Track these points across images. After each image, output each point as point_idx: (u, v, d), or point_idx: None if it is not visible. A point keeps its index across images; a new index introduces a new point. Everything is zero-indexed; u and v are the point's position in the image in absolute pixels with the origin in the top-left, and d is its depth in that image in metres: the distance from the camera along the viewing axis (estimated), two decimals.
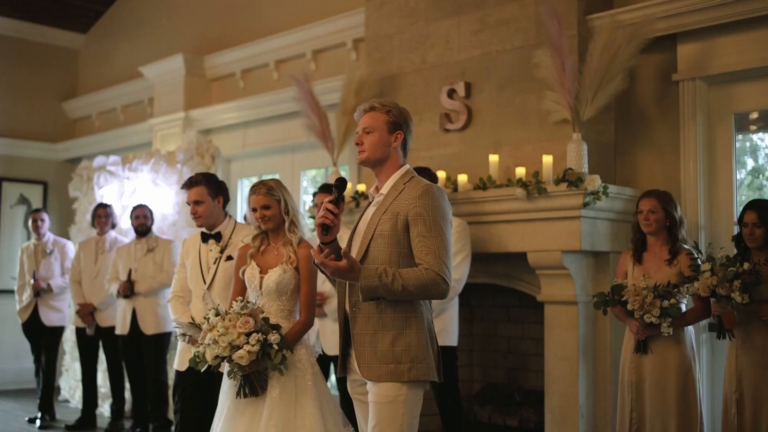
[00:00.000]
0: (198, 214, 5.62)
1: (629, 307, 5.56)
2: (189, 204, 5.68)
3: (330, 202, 3.87)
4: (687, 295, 5.59)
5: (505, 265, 6.95)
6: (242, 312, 4.50)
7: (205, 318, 4.64)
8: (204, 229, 5.72)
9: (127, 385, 8.92)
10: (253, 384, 4.57)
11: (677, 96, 6.61)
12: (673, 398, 5.56)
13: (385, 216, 3.84)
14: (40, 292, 9.29)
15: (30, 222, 9.77)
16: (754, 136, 6.82)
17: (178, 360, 5.71)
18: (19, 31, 12.71)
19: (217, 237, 5.67)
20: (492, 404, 7.65)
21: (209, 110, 10.27)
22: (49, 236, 9.71)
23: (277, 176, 9.69)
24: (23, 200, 12.52)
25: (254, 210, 4.91)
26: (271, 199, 4.88)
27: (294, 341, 4.71)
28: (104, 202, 9.54)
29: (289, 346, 4.57)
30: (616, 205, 6.45)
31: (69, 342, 10.40)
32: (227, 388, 4.78)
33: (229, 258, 5.56)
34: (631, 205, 6.23)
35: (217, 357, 4.48)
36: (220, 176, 9.85)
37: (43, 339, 9.44)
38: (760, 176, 6.86)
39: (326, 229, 3.88)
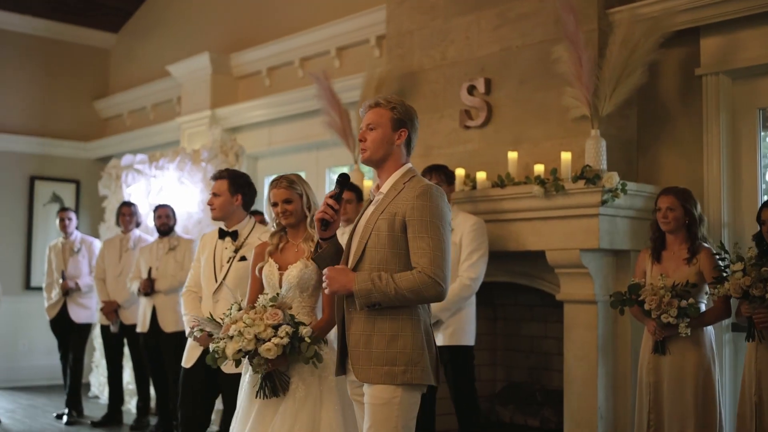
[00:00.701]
0: (213, 205, 5.61)
1: (646, 306, 5.46)
2: (210, 196, 5.68)
3: (331, 197, 3.84)
4: (714, 297, 5.45)
5: (525, 263, 6.86)
6: (271, 304, 4.36)
7: (225, 314, 4.50)
8: (223, 226, 5.69)
9: (151, 383, 8.94)
10: (274, 383, 4.41)
11: (700, 91, 6.45)
12: (692, 400, 5.45)
13: (382, 216, 3.78)
14: (69, 291, 9.36)
15: (57, 220, 9.84)
16: None
17: (186, 356, 5.68)
18: (51, 32, 12.84)
19: (234, 235, 5.62)
20: (513, 404, 7.56)
21: (235, 108, 10.27)
22: (77, 234, 9.80)
23: (303, 174, 9.68)
24: (56, 198, 12.65)
25: (275, 205, 4.75)
26: (293, 193, 4.73)
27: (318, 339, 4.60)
28: (128, 200, 9.58)
29: (319, 341, 4.40)
30: (637, 202, 6.33)
31: (99, 339, 10.44)
32: (247, 388, 4.60)
33: (243, 258, 5.51)
34: (652, 203, 6.09)
35: (240, 351, 4.27)
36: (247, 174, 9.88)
37: (71, 336, 9.52)
38: None
39: (325, 225, 3.87)
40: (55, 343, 9.80)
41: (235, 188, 5.65)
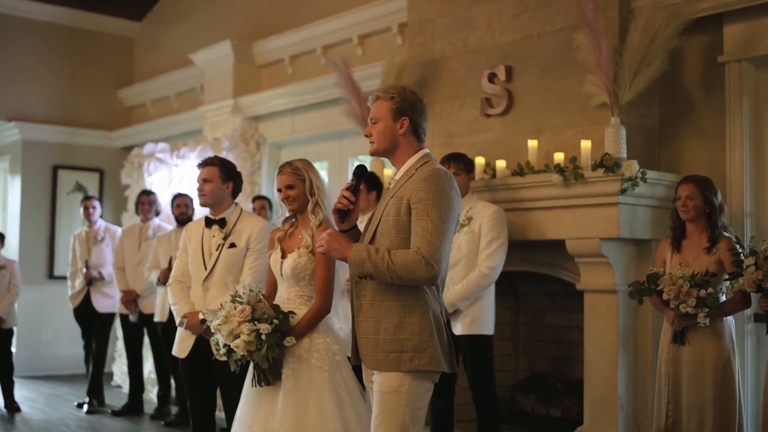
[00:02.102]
0: (203, 192, 5.59)
1: (665, 296, 5.41)
2: (198, 182, 5.65)
3: (347, 189, 3.84)
4: (732, 292, 5.39)
5: (546, 252, 6.82)
6: (240, 300, 4.45)
7: (222, 304, 4.58)
8: (209, 214, 5.69)
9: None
10: (264, 373, 4.50)
11: (723, 78, 6.37)
12: (710, 391, 5.39)
13: (392, 201, 3.79)
14: (92, 280, 9.38)
15: (81, 209, 9.86)
16: None
17: (178, 347, 5.69)
18: (75, 20, 12.86)
19: (221, 223, 5.62)
20: (535, 394, 7.53)
21: (258, 97, 10.24)
22: (101, 223, 9.81)
23: (325, 163, 9.68)
24: (79, 188, 12.67)
25: (279, 190, 4.83)
26: (296, 178, 4.77)
27: (307, 328, 4.63)
28: (148, 189, 9.59)
29: (283, 336, 4.48)
30: (658, 191, 6.26)
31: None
32: (248, 377, 4.74)
33: (232, 245, 5.53)
34: (673, 192, 6.03)
35: (225, 345, 4.44)
36: (269, 163, 9.90)
37: (94, 325, 9.55)
38: None
39: (343, 216, 3.86)
40: (79, 333, 9.84)
41: (226, 176, 5.67)
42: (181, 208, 8.44)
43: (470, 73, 7.32)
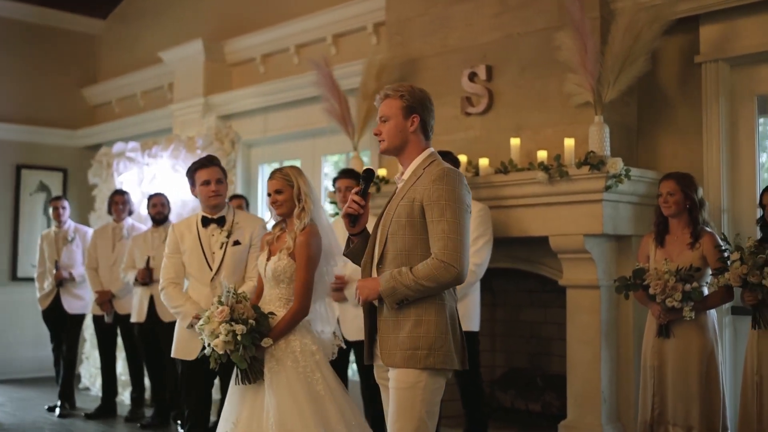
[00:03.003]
0: (219, 192, 5.65)
1: (651, 291, 5.54)
2: (209, 182, 5.65)
3: (356, 193, 3.90)
4: (716, 287, 5.53)
5: (527, 249, 6.92)
6: (220, 301, 4.62)
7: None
8: (204, 213, 5.72)
9: (146, 373, 8.91)
10: (244, 372, 4.67)
11: (699, 78, 6.55)
12: (696, 383, 5.54)
13: (402, 202, 3.84)
14: (62, 281, 9.28)
15: (51, 209, 9.73)
16: None
17: (184, 348, 5.68)
18: (38, 18, 12.67)
19: (221, 221, 5.67)
20: (514, 389, 7.63)
21: (229, 95, 10.23)
22: (70, 224, 9.67)
23: (298, 162, 9.70)
24: (43, 187, 12.51)
25: (269, 195, 4.99)
26: (285, 183, 4.93)
27: (285, 330, 4.76)
28: (121, 188, 9.52)
29: (261, 336, 4.64)
30: (639, 188, 6.40)
31: (89, 330, 10.38)
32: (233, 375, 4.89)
33: (237, 243, 5.59)
34: (654, 188, 6.18)
35: (209, 345, 4.63)
36: (242, 162, 9.90)
37: (64, 327, 9.40)
38: None
39: (353, 220, 3.92)
40: (44, 335, 9.70)
41: (225, 176, 5.79)
42: (158, 208, 8.40)
43: (450, 72, 7.41)
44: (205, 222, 5.68)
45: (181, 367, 5.93)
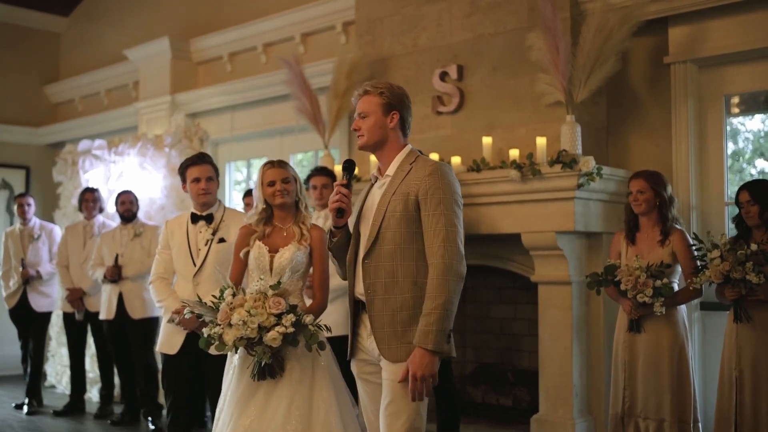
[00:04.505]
0: (209, 190, 5.68)
1: (622, 287, 5.65)
2: (199, 180, 5.66)
3: (342, 185, 3.93)
4: (695, 287, 5.62)
5: (497, 246, 7.00)
6: (273, 293, 4.39)
7: (217, 298, 4.48)
8: (194, 210, 5.75)
9: (116, 370, 8.86)
10: (272, 366, 4.44)
11: (668, 78, 6.69)
12: (667, 376, 5.66)
13: (395, 197, 3.86)
14: (29, 279, 9.22)
15: (15, 207, 9.65)
16: (735, 120, 6.90)
17: (166, 343, 5.68)
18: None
19: (209, 219, 5.69)
20: (485, 384, 7.71)
21: (196, 94, 10.22)
22: (36, 221, 9.61)
23: (265, 160, 9.68)
24: (5, 185, 12.41)
25: (271, 184, 4.77)
26: (290, 174, 4.84)
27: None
28: (91, 186, 9.47)
29: (321, 328, 4.48)
30: (609, 186, 6.51)
31: (55, 327, 10.32)
32: (237, 370, 4.62)
33: (222, 240, 5.60)
34: (624, 186, 6.29)
35: (242, 339, 4.31)
36: None
37: (31, 325, 9.35)
38: (740, 159, 6.95)
39: (341, 213, 3.95)
40: (7, 333, 9.62)
41: (217, 174, 5.83)
42: (126, 205, 8.37)
43: (420, 72, 7.47)
44: (195, 219, 5.72)
45: (162, 362, 5.92)
